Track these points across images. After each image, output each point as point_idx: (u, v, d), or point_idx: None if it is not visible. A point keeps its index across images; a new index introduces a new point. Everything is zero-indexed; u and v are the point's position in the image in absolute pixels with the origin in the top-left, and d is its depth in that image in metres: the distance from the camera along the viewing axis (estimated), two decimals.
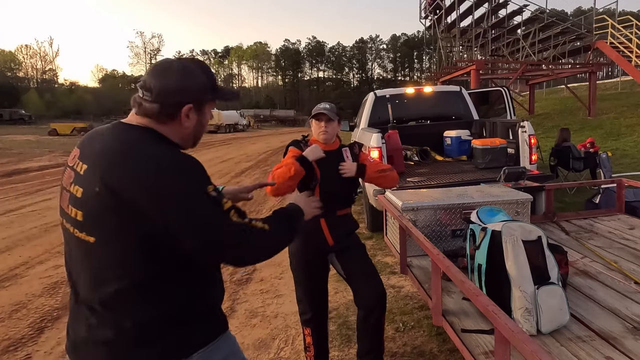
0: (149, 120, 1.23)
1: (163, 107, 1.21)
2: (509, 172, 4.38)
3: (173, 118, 1.23)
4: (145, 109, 1.22)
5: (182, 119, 1.24)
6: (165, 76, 1.22)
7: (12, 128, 40.05)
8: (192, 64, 1.28)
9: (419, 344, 3.07)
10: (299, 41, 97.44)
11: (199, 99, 1.26)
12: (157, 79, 1.22)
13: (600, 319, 2.12)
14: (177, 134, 1.26)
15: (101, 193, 1.12)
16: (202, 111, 1.29)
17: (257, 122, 53.37)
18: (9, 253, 5.59)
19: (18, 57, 77.51)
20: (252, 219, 1.25)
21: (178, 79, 1.22)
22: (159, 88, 1.21)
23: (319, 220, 2.47)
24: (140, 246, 1.15)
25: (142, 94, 1.22)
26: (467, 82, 18.27)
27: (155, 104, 1.21)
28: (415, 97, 7.42)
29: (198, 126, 1.30)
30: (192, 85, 1.24)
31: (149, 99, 1.21)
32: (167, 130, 1.25)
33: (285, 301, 3.94)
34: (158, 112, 1.22)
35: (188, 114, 1.24)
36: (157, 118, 1.22)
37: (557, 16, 20.68)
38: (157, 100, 1.21)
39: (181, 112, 1.23)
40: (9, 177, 12.64)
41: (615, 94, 24.26)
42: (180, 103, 1.23)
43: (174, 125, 1.25)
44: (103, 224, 1.15)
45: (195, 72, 1.26)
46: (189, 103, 1.23)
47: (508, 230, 2.13)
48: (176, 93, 1.22)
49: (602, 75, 42.87)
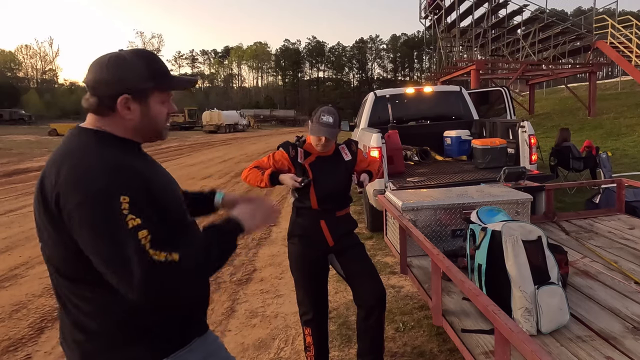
0: (94, 117, 1.22)
1: (100, 100, 1.19)
2: (509, 172, 4.38)
3: (112, 110, 1.20)
4: (87, 105, 1.22)
5: (121, 111, 1.20)
6: (98, 69, 1.20)
7: (12, 128, 40.06)
8: (128, 54, 1.22)
9: (419, 344, 3.07)
10: (299, 41, 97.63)
11: (137, 88, 1.20)
12: (92, 73, 1.20)
13: (600, 319, 2.12)
14: (121, 127, 1.22)
15: (37, 197, 1.15)
16: (145, 101, 1.22)
17: (257, 122, 53.35)
18: (9, 253, 5.59)
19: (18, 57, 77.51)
20: (157, 248, 1.08)
21: (110, 70, 1.19)
22: (93, 81, 1.19)
23: (319, 222, 2.48)
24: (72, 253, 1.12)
25: (86, 90, 1.22)
26: (467, 82, 18.27)
27: (93, 98, 1.20)
28: (415, 97, 7.42)
29: (145, 117, 1.23)
30: (126, 74, 1.19)
31: (88, 94, 1.21)
32: (111, 125, 1.22)
33: (285, 301, 3.94)
34: (97, 106, 1.20)
35: (128, 106, 1.20)
36: (98, 112, 1.21)
37: (557, 16, 20.69)
38: (94, 94, 1.20)
39: (117, 103, 1.19)
40: (9, 177, 12.65)
41: (615, 94, 24.26)
42: (114, 94, 1.19)
43: (115, 118, 1.21)
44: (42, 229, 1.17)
45: (130, 62, 1.21)
46: (124, 93, 1.19)
47: (508, 230, 2.13)
48: (109, 84, 1.18)
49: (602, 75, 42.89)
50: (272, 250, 5.42)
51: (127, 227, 1.05)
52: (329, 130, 2.42)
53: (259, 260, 5.10)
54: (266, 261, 5.04)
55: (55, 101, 66.82)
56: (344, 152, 2.60)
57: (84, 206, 1.06)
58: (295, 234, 2.56)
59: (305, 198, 2.48)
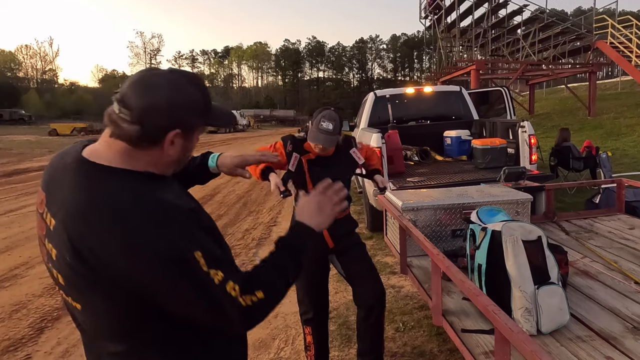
0: (124, 145, 0.99)
1: (144, 131, 0.97)
2: (509, 172, 4.37)
3: (155, 144, 1.00)
4: (121, 131, 0.98)
5: (166, 147, 1.01)
6: (150, 93, 0.97)
7: (12, 128, 40.07)
8: (183, 79, 1.02)
9: (419, 344, 3.07)
10: (299, 41, 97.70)
11: (189, 123, 1.03)
12: (140, 96, 0.97)
13: (600, 319, 2.12)
14: (155, 162, 1.03)
15: (73, 261, 0.93)
16: (190, 137, 1.05)
17: (257, 122, 53.37)
18: (9, 253, 5.59)
19: (18, 57, 77.58)
20: (244, 293, 1.00)
21: (166, 98, 0.98)
22: (142, 108, 0.96)
23: None
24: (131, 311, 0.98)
25: (118, 111, 0.98)
26: (467, 82, 18.27)
27: (134, 126, 0.96)
28: (415, 97, 7.42)
29: (182, 153, 1.06)
30: (183, 106, 1.00)
31: (128, 119, 0.96)
32: (143, 158, 1.01)
33: (285, 301, 3.94)
34: (138, 137, 0.97)
35: (173, 140, 1.01)
36: (136, 143, 0.99)
37: (557, 16, 20.69)
38: (138, 122, 0.96)
39: (166, 138, 0.99)
40: (9, 177, 12.65)
41: (615, 94, 24.26)
42: (166, 127, 0.99)
43: (153, 152, 1.01)
44: (84, 293, 0.98)
45: (187, 91, 1.01)
46: (176, 128, 1.00)
47: (508, 230, 2.13)
48: (163, 115, 0.98)
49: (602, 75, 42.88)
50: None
51: (214, 284, 0.95)
52: (327, 138, 2.37)
53: (259, 260, 5.10)
54: None
55: (55, 101, 66.84)
56: (355, 156, 2.58)
57: (160, 271, 0.92)
58: None
59: (303, 185, 2.47)
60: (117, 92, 1.00)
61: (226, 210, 7.83)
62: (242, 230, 6.46)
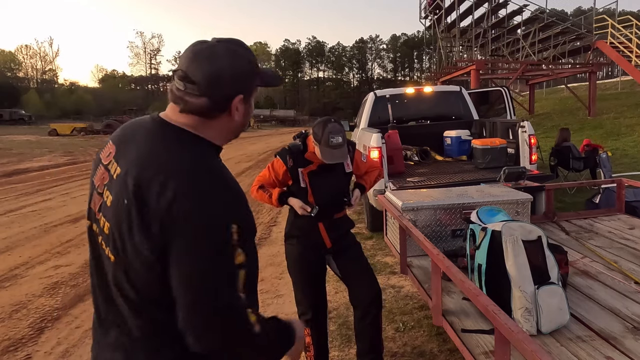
0: (195, 118, 1.04)
1: (213, 101, 1.02)
2: (509, 172, 4.38)
3: (223, 112, 1.05)
4: (191, 106, 1.02)
5: (233, 113, 1.06)
6: (212, 65, 1.01)
7: (12, 128, 40.07)
8: (235, 44, 1.06)
9: (419, 344, 3.07)
10: (299, 41, 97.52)
11: (249, 87, 1.08)
12: (203, 69, 1.00)
13: (600, 319, 2.12)
14: (224, 129, 1.09)
15: (130, 206, 0.96)
16: (249, 101, 1.10)
17: (257, 122, 53.35)
18: (9, 253, 5.59)
19: (18, 57, 77.64)
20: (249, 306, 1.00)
21: (228, 66, 1.02)
22: (208, 80, 1.00)
23: (316, 223, 2.47)
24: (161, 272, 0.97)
25: (183, 87, 1.01)
26: (467, 82, 18.26)
27: (203, 99, 1.01)
28: (415, 97, 7.42)
29: (245, 118, 1.11)
30: (242, 72, 1.05)
31: (196, 93, 1.01)
32: (214, 127, 1.07)
33: (285, 301, 3.94)
34: (209, 108, 1.02)
35: (238, 106, 1.06)
36: (203, 114, 1.03)
37: (557, 16, 20.68)
38: (205, 94, 1.01)
39: (232, 105, 1.05)
40: (9, 177, 12.65)
41: (615, 94, 24.26)
42: (231, 95, 1.04)
43: (222, 119, 1.06)
44: (125, 241, 0.98)
45: (243, 55, 1.05)
46: (239, 93, 1.05)
47: (508, 230, 2.13)
48: (227, 84, 1.02)
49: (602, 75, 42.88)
50: (272, 250, 5.42)
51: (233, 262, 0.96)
52: (341, 152, 2.36)
53: (259, 260, 5.10)
54: (266, 261, 5.04)
55: (55, 101, 66.85)
56: (345, 163, 2.55)
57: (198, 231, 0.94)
58: (293, 235, 2.56)
59: (304, 199, 2.46)
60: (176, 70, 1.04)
61: None
62: None
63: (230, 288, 0.96)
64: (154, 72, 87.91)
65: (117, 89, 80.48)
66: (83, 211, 1.91)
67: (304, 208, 2.39)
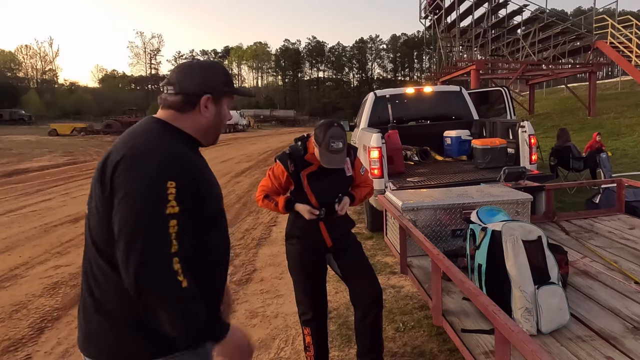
0: (172, 112, 1.35)
1: (185, 97, 1.34)
2: (509, 172, 4.38)
3: (194, 107, 1.35)
4: (169, 102, 1.35)
5: (202, 109, 1.35)
6: (189, 71, 1.37)
7: (12, 128, 40.07)
8: (212, 63, 1.43)
9: (419, 344, 3.07)
10: (299, 41, 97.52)
11: (217, 90, 1.38)
12: (181, 74, 1.36)
13: (600, 318, 2.12)
14: (197, 124, 1.37)
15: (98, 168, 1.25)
16: (220, 103, 1.39)
17: (257, 122, 53.34)
18: (9, 253, 5.59)
19: (18, 57, 77.56)
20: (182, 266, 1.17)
21: (199, 72, 1.37)
22: (182, 81, 1.35)
23: (317, 223, 2.47)
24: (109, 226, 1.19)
25: (166, 90, 1.36)
26: (467, 82, 18.27)
27: (178, 96, 1.34)
28: (415, 97, 7.42)
29: (216, 118, 1.39)
30: (211, 78, 1.37)
31: (173, 91, 1.35)
32: (186, 121, 1.35)
33: (285, 301, 3.94)
34: (181, 103, 1.34)
35: (207, 104, 1.35)
36: (178, 108, 1.35)
37: (557, 16, 20.68)
38: (180, 91, 1.34)
39: (200, 101, 1.34)
40: (9, 177, 12.64)
41: (615, 94, 24.26)
42: (199, 93, 1.34)
43: (193, 115, 1.36)
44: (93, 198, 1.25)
45: (215, 69, 1.41)
46: (207, 93, 1.35)
47: (508, 230, 2.13)
48: (196, 84, 1.35)
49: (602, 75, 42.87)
50: (272, 250, 5.42)
51: (164, 212, 1.15)
52: (341, 157, 2.37)
53: (259, 260, 5.10)
54: (266, 261, 5.04)
55: (55, 101, 66.82)
56: (346, 166, 2.52)
57: (134, 182, 1.16)
58: (294, 234, 2.56)
59: (304, 202, 2.46)
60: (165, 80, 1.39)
61: (226, 210, 7.83)
62: (242, 230, 6.46)
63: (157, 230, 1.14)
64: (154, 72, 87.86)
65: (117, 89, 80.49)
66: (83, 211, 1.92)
67: (312, 212, 2.39)
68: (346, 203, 2.48)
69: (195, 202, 1.23)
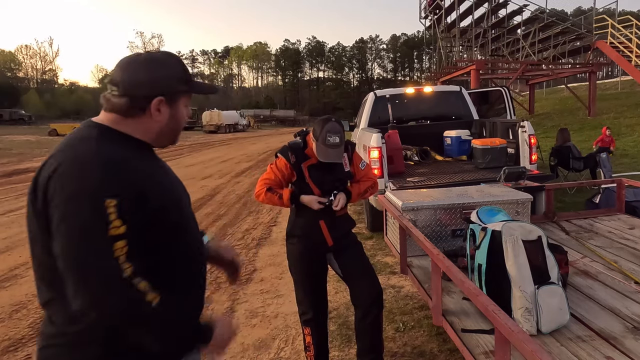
0: (116, 116, 1.15)
1: (132, 101, 1.14)
2: (509, 172, 4.38)
3: (143, 112, 1.15)
4: (113, 105, 1.15)
5: (153, 113, 1.16)
6: (133, 69, 1.15)
7: (12, 128, 40.04)
8: (163, 55, 1.20)
9: (419, 344, 3.07)
10: (299, 41, 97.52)
11: (171, 90, 1.18)
12: (125, 73, 1.14)
13: (600, 318, 2.12)
14: (147, 129, 1.18)
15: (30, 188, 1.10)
16: (175, 104, 1.20)
17: (257, 122, 53.33)
18: (9, 253, 5.59)
19: (18, 57, 77.48)
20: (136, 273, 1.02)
21: (148, 70, 1.15)
22: (127, 81, 1.13)
23: (318, 222, 2.47)
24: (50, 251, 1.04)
25: (110, 90, 1.15)
26: (467, 82, 18.27)
27: (123, 98, 1.13)
28: (415, 97, 7.43)
29: (172, 121, 1.20)
30: (163, 76, 1.16)
31: (117, 93, 1.14)
32: (136, 126, 1.16)
33: (285, 301, 3.94)
34: (127, 106, 1.14)
35: (159, 107, 1.16)
36: (126, 113, 1.14)
37: (557, 16, 20.68)
38: (125, 93, 1.13)
39: (151, 105, 1.15)
40: (9, 177, 12.64)
41: (615, 94, 24.27)
42: (150, 95, 1.14)
43: (144, 119, 1.16)
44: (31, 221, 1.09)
45: (167, 63, 1.18)
46: (159, 95, 1.15)
47: (508, 230, 2.13)
48: (145, 85, 1.14)
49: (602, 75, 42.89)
50: (272, 250, 5.42)
51: (107, 235, 1.00)
52: (337, 152, 2.38)
53: (259, 260, 5.10)
54: (266, 261, 5.04)
55: (55, 101, 66.81)
56: (344, 161, 2.54)
57: (69, 203, 1.00)
58: (295, 234, 2.56)
59: (308, 194, 2.46)
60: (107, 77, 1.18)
61: (226, 210, 7.83)
62: (242, 230, 6.46)
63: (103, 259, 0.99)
64: None
65: None
66: None
67: (320, 202, 2.38)
68: (341, 199, 2.45)
69: (147, 214, 1.07)
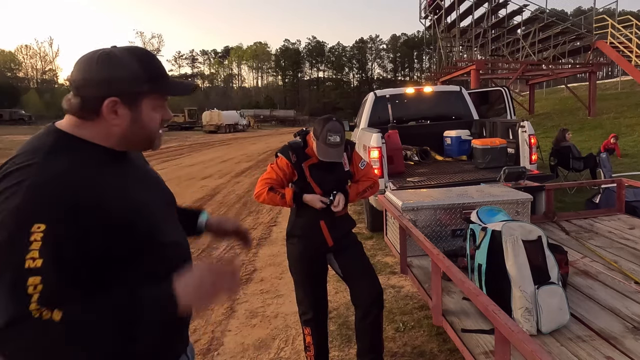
0: (75, 119, 1.08)
1: (83, 102, 1.05)
2: (509, 172, 4.38)
3: (97, 114, 1.06)
4: (70, 106, 1.07)
5: (106, 115, 1.05)
6: (85, 67, 1.06)
7: (12, 128, 40.04)
8: (121, 52, 1.08)
9: (419, 344, 3.07)
10: (299, 41, 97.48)
11: (128, 91, 1.06)
12: (78, 71, 1.06)
13: (600, 318, 2.12)
14: (108, 134, 1.08)
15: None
16: (136, 106, 1.08)
17: (257, 122, 53.32)
18: None
19: (18, 57, 77.47)
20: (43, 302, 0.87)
21: (99, 68, 1.05)
22: (79, 80, 1.05)
23: (318, 222, 2.47)
24: None
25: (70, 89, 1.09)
26: (467, 82, 18.27)
27: (76, 99, 1.06)
28: (415, 97, 7.43)
29: (135, 125, 1.09)
30: (117, 75, 1.05)
31: (73, 92, 1.07)
32: (93, 130, 1.07)
33: (285, 301, 3.94)
34: (80, 108, 1.06)
35: (116, 110, 1.06)
36: (79, 115, 1.07)
37: (557, 16, 20.69)
38: (77, 94, 1.06)
39: (102, 107, 1.05)
40: None
41: (615, 94, 24.27)
42: (100, 96, 1.04)
43: (101, 123, 1.07)
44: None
45: (123, 61, 1.06)
46: (112, 96, 1.05)
47: (508, 230, 2.13)
48: (95, 84, 1.04)
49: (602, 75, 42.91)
50: (272, 250, 5.42)
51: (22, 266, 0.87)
52: (338, 151, 2.37)
53: (259, 260, 5.10)
54: (266, 261, 5.04)
55: (55, 101, 66.57)
56: (343, 161, 2.54)
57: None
58: (295, 234, 2.56)
59: (309, 193, 2.46)
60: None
61: (226, 210, 7.83)
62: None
63: (13, 298, 0.86)
64: None
65: None
66: None
67: (322, 201, 2.38)
68: (340, 199, 2.44)
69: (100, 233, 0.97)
